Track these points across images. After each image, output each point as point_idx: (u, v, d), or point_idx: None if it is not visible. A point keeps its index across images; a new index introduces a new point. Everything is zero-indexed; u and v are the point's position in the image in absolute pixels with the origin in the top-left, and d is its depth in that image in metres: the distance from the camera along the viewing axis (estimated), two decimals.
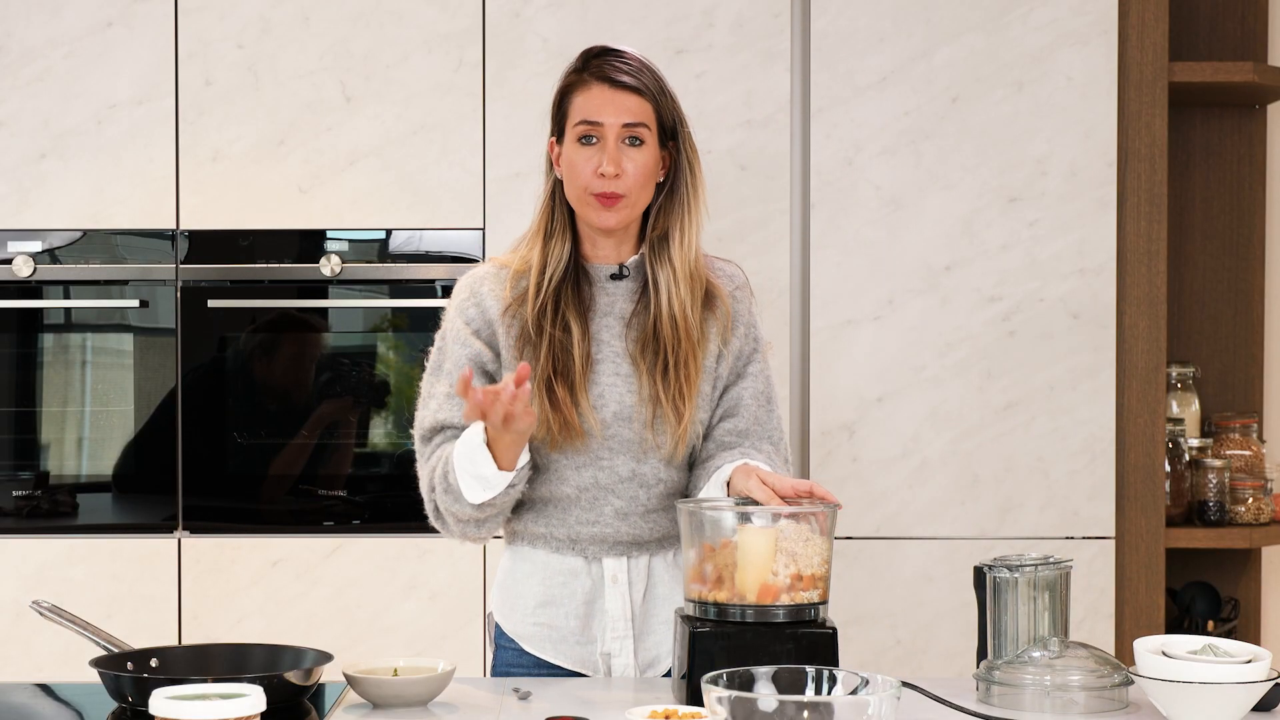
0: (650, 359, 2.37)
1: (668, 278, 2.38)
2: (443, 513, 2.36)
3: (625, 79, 2.36)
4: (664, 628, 2.42)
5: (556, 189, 2.42)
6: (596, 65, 2.38)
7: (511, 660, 2.45)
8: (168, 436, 3.53)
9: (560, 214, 2.42)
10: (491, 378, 2.40)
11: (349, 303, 3.54)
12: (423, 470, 2.40)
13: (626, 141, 2.35)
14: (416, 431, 2.42)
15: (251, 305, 3.53)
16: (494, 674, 2.47)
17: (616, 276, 2.42)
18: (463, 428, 2.37)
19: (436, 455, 2.37)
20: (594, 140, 2.36)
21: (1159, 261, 3.52)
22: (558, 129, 2.42)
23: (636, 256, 2.43)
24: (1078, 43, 3.50)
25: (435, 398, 2.40)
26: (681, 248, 2.40)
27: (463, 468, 2.28)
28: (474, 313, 2.40)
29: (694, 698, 2.09)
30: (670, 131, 2.41)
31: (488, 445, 2.24)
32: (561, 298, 2.37)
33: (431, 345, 2.47)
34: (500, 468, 2.26)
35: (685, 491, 2.45)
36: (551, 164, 2.44)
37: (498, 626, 2.49)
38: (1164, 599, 3.54)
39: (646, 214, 2.44)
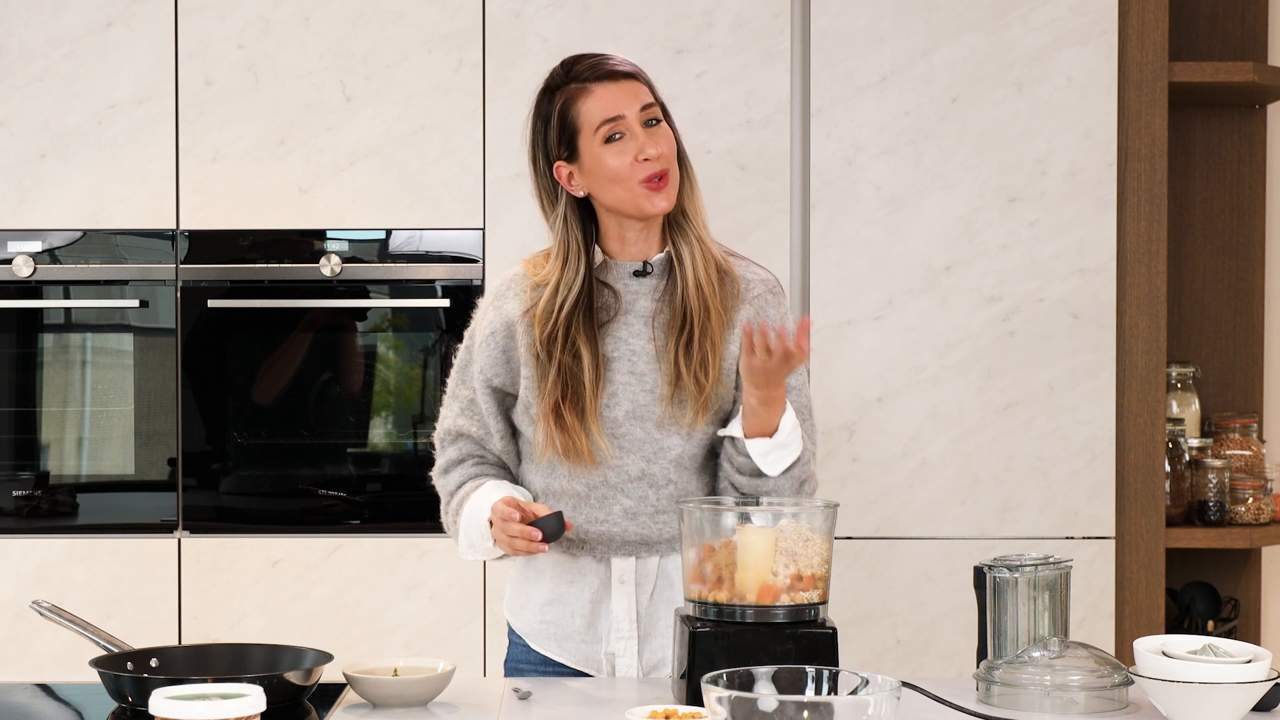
0: (675, 334, 2.37)
1: (690, 252, 2.39)
2: (452, 536, 2.49)
3: (619, 68, 2.37)
4: (670, 630, 2.41)
5: (569, 211, 2.39)
6: (585, 69, 2.37)
7: (520, 657, 2.49)
8: (168, 436, 3.54)
9: (575, 236, 2.39)
10: (504, 394, 2.44)
11: (349, 303, 3.54)
12: (440, 481, 2.50)
13: (647, 124, 2.35)
14: (437, 429, 2.51)
15: (251, 305, 3.53)
16: (505, 670, 2.52)
17: (640, 273, 2.41)
18: (477, 438, 2.46)
19: (455, 477, 2.47)
20: (620, 135, 2.34)
21: (1159, 261, 3.52)
22: (567, 148, 2.37)
23: (662, 255, 2.42)
24: (1077, 43, 3.50)
25: (458, 400, 2.47)
26: (697, 218, 2.41)
27: (466, 530, 2.41)
28: (493, 315, 2.43)
29: (694, 698, 2.09)
30: (665, 112, 2.42)
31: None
32: (573, 323, 2.36)
33: (460, 342, 2.51)
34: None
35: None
36: (559, 188, 2.39)
37: (509, 624, 2.52)
38: (1164, 599, 3.54)
39: None
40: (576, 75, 2.37)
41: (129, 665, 2.17)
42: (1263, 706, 2.06)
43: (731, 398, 2.41)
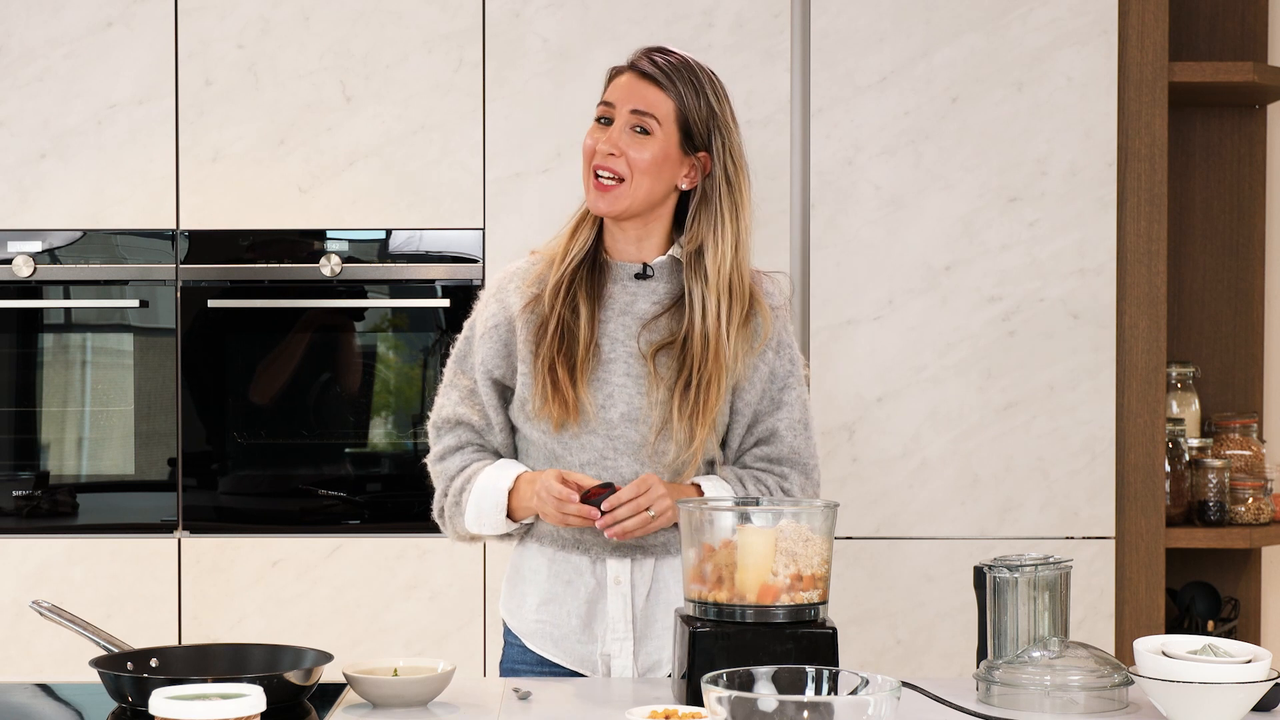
0: (673, 373, 2.35)
1: (701, 292, 2.36)
2: (446, 518, 2.46)
3: (650, 69, 2.37)
4: (666, 632, 2.41)
5: None
6: (636, 57, 2.40)
7: (516, 657, 2.49)
8: (168, 436, 3.54)
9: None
10: (504, 386, 2.44)
11: (349, 303, 3.54)
12: (435, 468, 2.48)
13: (634, 129, 2.35)
14: (432, 417, 2.49)
15: (251, 305, 3.53)
16: (501, 670, 2.51)
17: (641, 276, 2.42)
18: (478, 427, 2.44)
19: (455, 462, 2.44)
20: (605, 122, 2.38)
21: (1159, 261, 3.52)
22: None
23: (664, 258, 2.42)
24: (1077, 43, 3.50)
25: (457, 389, 2.46)
26: (715, 261, 2.36)
27: (477, 500, 2.40)
28: (495, 308, 2.43)
29: (694, 698, 2.09)
30: (700, 139, 2.38)
31: (510, 491, 2.39)
32: (576, 281, 2.38)
33: (459, 333, 2.51)
34: (511, 515, 2.39)
35: None
36: None
37: (505, 623, 2.52)
38: (1164, 599, 3.54)
39: (680, 219, 2.43)
40: (630, 61, 2.41)
41: (129, 665, 2.17)
42: (1263, 706, 2.06)
43: (727, 420, 2.43)
